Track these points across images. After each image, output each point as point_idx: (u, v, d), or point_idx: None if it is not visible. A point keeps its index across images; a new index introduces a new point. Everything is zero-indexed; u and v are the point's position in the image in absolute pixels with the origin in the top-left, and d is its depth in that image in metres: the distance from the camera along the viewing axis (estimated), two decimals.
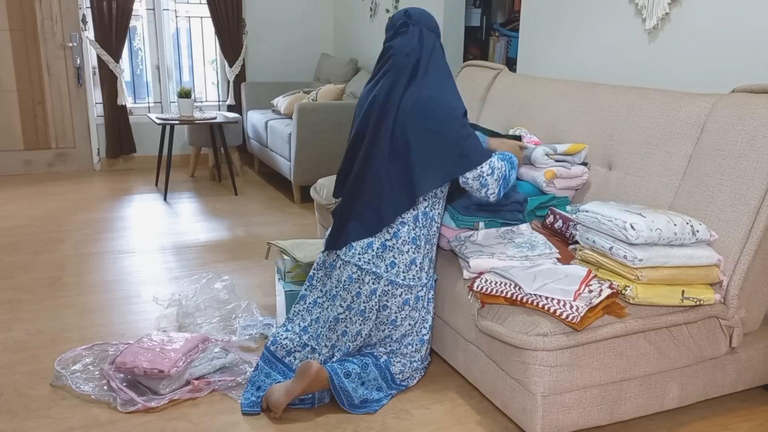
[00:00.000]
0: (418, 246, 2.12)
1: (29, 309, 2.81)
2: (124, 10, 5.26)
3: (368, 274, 2.09)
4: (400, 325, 2.14)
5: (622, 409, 1.91)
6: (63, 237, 3.79)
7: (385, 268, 2.09)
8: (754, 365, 2.08)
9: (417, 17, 2.13)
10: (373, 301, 2.10)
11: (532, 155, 2.46)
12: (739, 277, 1.92)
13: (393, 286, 2.10)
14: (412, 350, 2.18)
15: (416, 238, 2.12)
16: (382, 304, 2.11)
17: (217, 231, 3.99)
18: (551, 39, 3.29)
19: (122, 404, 2.07)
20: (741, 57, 2.33)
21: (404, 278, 2.11)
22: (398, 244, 2.10)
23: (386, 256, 2.10)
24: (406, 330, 2.16)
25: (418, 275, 2.13)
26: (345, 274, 2.13)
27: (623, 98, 2.47)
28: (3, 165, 5.33)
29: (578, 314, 1.72)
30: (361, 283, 2.11)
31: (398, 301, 2.11)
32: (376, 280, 2.09)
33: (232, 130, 5.32)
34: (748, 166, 1.93)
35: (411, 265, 2.11)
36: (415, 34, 2.10)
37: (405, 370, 2.18)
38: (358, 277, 2.11)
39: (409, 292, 2.12)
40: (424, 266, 2.15)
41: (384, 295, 2.11)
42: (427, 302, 2.19)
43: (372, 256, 2.10)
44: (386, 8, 5.02)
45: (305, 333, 2.26)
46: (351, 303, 2.13)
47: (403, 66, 2.07)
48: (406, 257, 2.11)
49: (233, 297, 2.86)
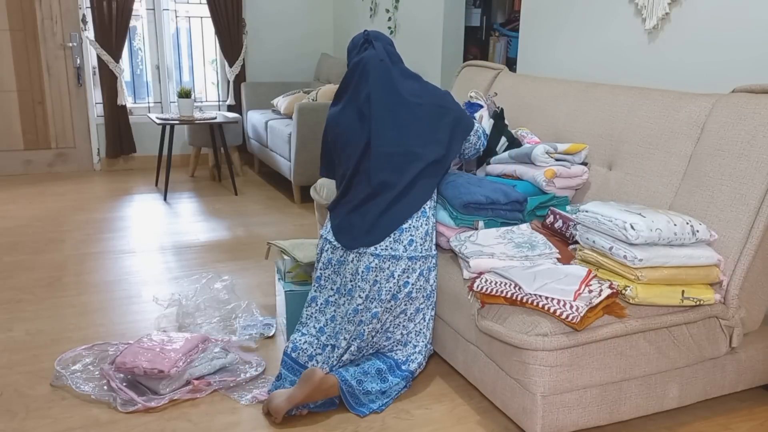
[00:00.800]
0: (428, 217, 2.21)
1: (29, 309, 2.81)
2: (124, 10, 5.26)
3: (387, 260, 2.13)
4: (416, 298, 2.17)
5: (622, 409, 1.91)
6: (63, 237, 3.79)
7: (404, 249, 2.14)
8: (754, 365, 2.08)
9: (376, 36, 2.39)
10: (391, 283, 2.13)
11: (532, 153, 2.45)
12: (739, 277, 1.92)
13: (413, 261, 2.15)
14: (423, 327, 2.20)
15: (425, 210, 2.20)
16: (403, 281, 2.14)
17: (217, 231, 3.99)
18: (551, 39, 3.29)
19: (122, 404, 2.07)
20: (741, 57, 2.33)
21: (421, 250, 2.17)
22: (413, 223, 2.16)
23: (403, 238, 2.15)
24: (420, 304, 2.19)
25: (431, 245, 2.22)
26: (362, 265, 2.15)
27: (623, 98, 2.47)
28: (3, 165, 5.33)
29: (578, 314, 1.72)
30: (379, 271, 2.13)
31: (416, 275, 2.16)
32: (396, 262, 2.13)
33: (232, 130, 5.32)
34: (748, 166, 1.93)
35: (426, 236, 2.19)
36: (380, 48, 2.34)
37: (410, 355, 2.18)
38: (376, 265, 2.13)
39: (425, 262, 2.18)
40: (432, 235, 2.24)
41: (404, 273, 2.14)
42: (434, 273, 2.24)
43: (390, 242, 2.14)
44: (386, 8, 5.02)
45: (322, 334, 2.24)
46: (369, 292, 2.14)
47: (382, 68, 2.28)
48: (422, 230, 2.18)
49: (233, 297, 2.86)
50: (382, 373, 2.13)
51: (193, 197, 4.83)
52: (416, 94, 2.27)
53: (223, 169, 5.54)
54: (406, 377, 2.17)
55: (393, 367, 2.16)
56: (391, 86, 2.26)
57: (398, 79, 2.29)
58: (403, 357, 2.18)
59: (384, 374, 2.13)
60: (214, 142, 5.07)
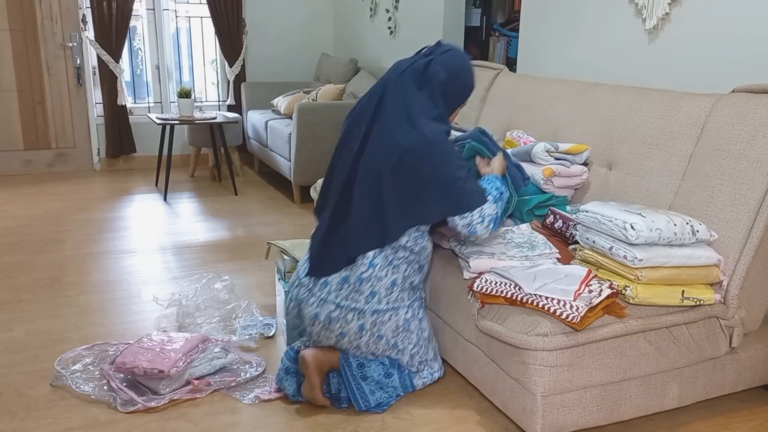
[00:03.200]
0: (396, 267, 2.02)
1: (29, 309, 2.81)
2: (124, 10, 5.26)
3: (350, 311, 2.00)
4: (404, 348, 2.09)
5: (622, 409, 1.91)
6: (63, 237, 3.79)
7: (365, 301, 2.00)
8: (754, 365, 2.08)
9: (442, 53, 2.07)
10: (366, 336, 2.03)
11: (532, 151, 2.45)
12: (739, 277, 1.92)
13: (379, 314, 2.01)
14: (416, 362, 2.14)
15: (394, 262, 2.02)
16: (377, 335, 2.04)
17: (217, 231, 3.99)
18: (551, 39, 3.29)
19: (122, 404, 2.07)
20: (741, 57, 2.33)
21: (387, 302, 2.02)
22: (375, 272, 2.00)
23: (364, 289, 2.00)
24: (412, 350, 2.11)
25: (400, 296, 2.04)
26: (323, 313, 2.02)
27: (623, 98, 2.47)
28: (3, 165, 5.33)
29: (578, 314, 1.72)
30: (344, 322, 2.01)
31: (392, 326, 2.04)
32: (360, 315, 2.00)
33: (232, 130, 5.32)
34: (748, 166, 1.93)
35: (392, 287, 2.02)
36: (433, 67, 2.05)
37: (413, 362, 2.15)
38: (338, 315, 2.01)
39: (396, 314, 2.04)
40: (405, 287, 2.06)
41: (374, 326, 2.02)
42: (419, 321, 2.11)
43: (349, 291, 2.00)
44: (386, 8, 5.02)
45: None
46: (338, 341, 2.06)
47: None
48: (386, 281, 2.01)
49: (233, 297, 2.86)
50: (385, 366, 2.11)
51: (193, 197, 4.83)
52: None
53: (223, 169, 5.54)
54: (404, 383, 2.13)
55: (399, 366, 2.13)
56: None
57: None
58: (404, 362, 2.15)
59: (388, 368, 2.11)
60: (214, 142, 5.07)
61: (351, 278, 2.01)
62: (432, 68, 1.99)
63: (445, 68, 1.99)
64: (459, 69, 2.03)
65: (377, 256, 2.00)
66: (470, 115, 3.29)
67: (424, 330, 2.14)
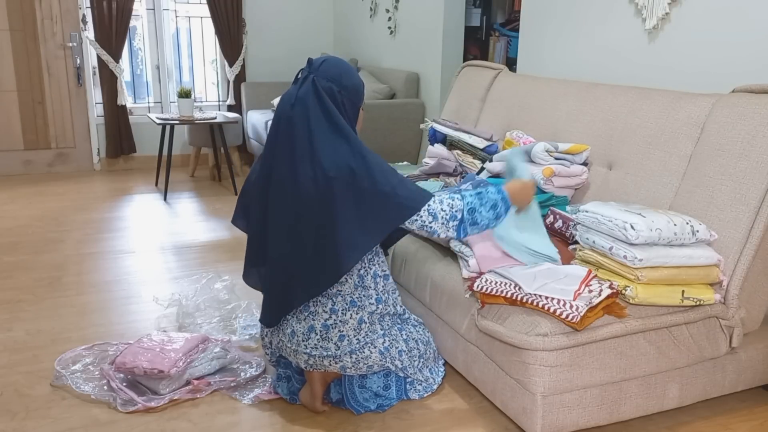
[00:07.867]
0: (360, 306, 1.97)
1: (29, 309, 2.81)
2: (124, 10, 5.26)
3: (324, 359, 1.96)
4: (397, 367, 2.07)
5: (622, 409, 1.91)
6: (63, 237, 3.79)
7: (336, 347, 1.95)
8: (754, 365, 2.08)
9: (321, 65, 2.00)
10: (352, 370, 2.00)
11: (532, 151, 2.45)
12: (739, 277, 1.92)
13: (355, 353, 1.96)
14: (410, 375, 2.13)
15: (356, 302, 1.97)
16: (365, 367, 2.00)
17: (217, 231, 3.99)
18: (551, 39, 3.29)
19: (122, 404, 2.07)
20: (741, 57, 2.33)
21: (358, 340, 1.96)
22: (339, 317, 1.95)
23: (332, 335, 1.95)
24: (407, 370, 2.10)
25: (371, 329, 1.98)
26: (301, 361, 2.00)
27: (623, 98, 2.47)
28: (3, 165, 5.33)
29: (578, 314, 1.72)
30: (324, 367, 1.98)
31: (374, 357, 1.99)
32: (336, 359, 1.96)
33: (232, 130, 5.32)
34: (748, 166, 1.93)
35: (359, 325, 1.96)
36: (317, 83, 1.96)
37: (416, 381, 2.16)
38: (315, 363, 1.97)
39: (374, 346, 1.99)
40: (374, 320, 2.00)
41: (357, 362, 1.97)
42: (404, 343, 2.07)
43: (317, 340, 1.95)
44: (386, 8, 5.02)
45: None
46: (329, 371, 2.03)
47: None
48: (352, 322, 1.96)
49: (233, 297, 2.86)
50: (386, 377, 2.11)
51: (193, 197, 4.83)
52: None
53: (223, 169, 5.54)
54: (400, 396, 2.13)
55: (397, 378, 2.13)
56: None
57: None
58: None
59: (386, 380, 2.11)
60: (214, 142, 5.07)
61: (317, 327, 1.96)
62: (319, 83, 1.90)
63: (329, 79, 1.92)
64: (342, 73, 1.95)
65: (336, 302, 1.95)
66: (470, 116, 3.29)
67: (412, 349, 2.10)
